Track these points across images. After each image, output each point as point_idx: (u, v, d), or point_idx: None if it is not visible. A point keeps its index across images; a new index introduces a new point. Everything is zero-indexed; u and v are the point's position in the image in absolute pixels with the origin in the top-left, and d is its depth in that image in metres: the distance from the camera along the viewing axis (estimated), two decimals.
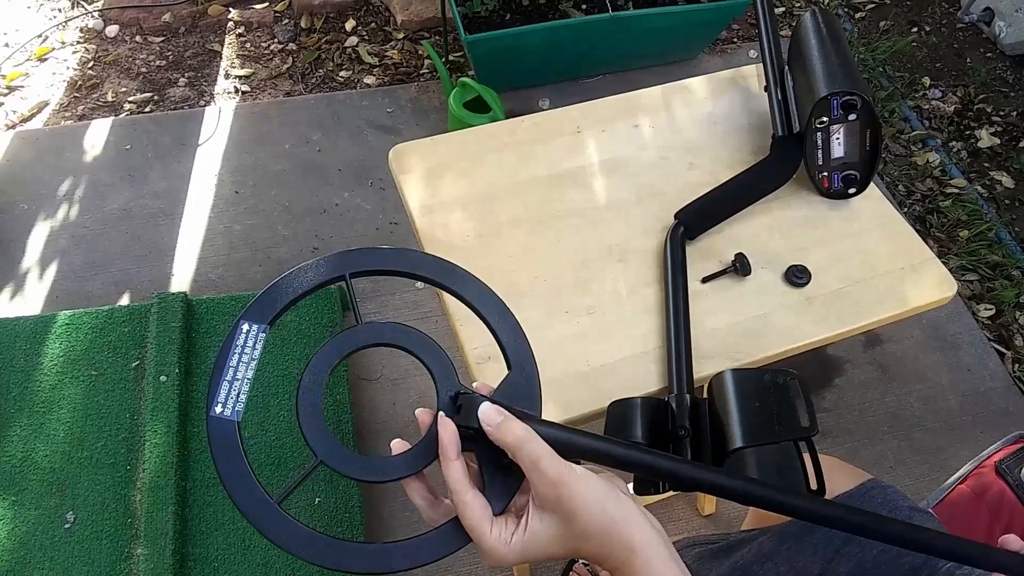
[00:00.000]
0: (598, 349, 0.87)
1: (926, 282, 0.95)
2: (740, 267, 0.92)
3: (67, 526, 1.38)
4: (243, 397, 0.53)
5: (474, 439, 0.53)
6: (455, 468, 0.50)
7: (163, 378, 1.49)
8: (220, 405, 0.52)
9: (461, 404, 0.53)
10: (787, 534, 0.84)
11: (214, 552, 1.36)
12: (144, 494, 1.38)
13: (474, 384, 0.56)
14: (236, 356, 0.53)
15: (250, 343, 0.54)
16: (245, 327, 0.54)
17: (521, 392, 0.56)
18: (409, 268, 0.59)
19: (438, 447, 0.52)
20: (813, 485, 0.72)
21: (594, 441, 0.53)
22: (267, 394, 1.52)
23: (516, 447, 0.49)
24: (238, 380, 0.53)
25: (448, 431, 0.51)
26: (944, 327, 1.85)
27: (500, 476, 0.52)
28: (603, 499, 0.49)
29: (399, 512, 1.49)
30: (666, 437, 0.74)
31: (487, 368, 0.83)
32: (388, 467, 0.53)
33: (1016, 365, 1.82)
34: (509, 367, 0.57)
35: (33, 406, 1.49)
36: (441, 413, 0.53)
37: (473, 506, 0.50)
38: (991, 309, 1.91)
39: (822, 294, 0.92)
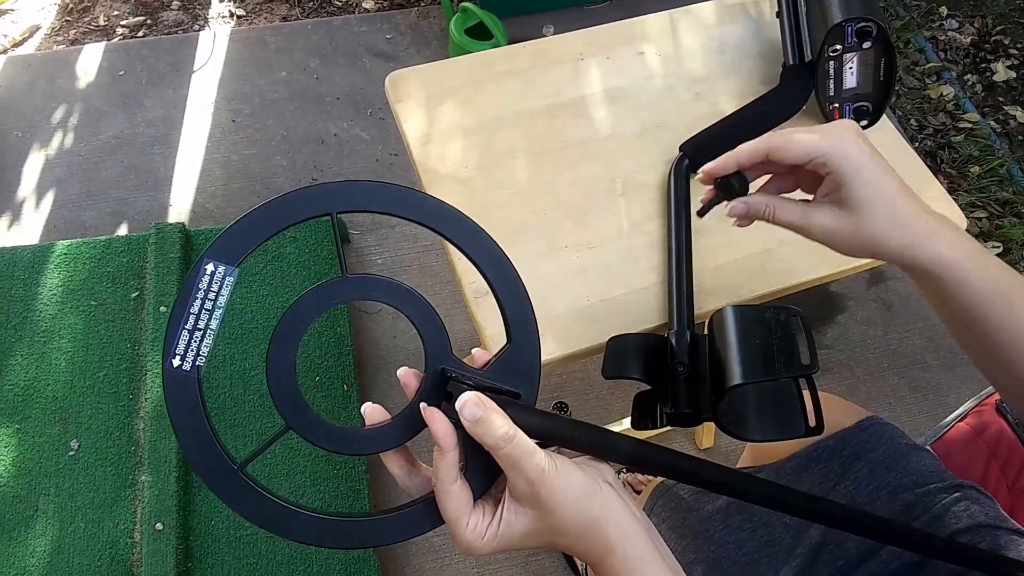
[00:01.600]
0: (598, 284, 0.85)
1: None
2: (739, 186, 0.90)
3: (71, 453, 1.39)
4: (205, 350, 0.46)
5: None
6: (449, 459, 0.47)
7: (163, 308, 1.48)
8: (178, 357, 0.46)
9: (452, 392, 0.49)
10: (784, 470, 0.85)
11: None
12: (147, 422, 1.39)
13: (474, 351, 0.53)
14: (198, 302, 0.46)
15: (215, 287, 0.46)
16: (209, 268, 0.46)
17: (518, 368, 0.52)
18: (407, 212, 0.51)
19: (432, 437, 0.48)
20: (812, 422, 0.72)
21: (582, 433, 0.50)
22: (268, 326, 1.52)
23: (494, 447, 0.46)
24: (199, 330, 0.46)
25: (441, 425, 0.47)
26: None
27: (483, 458, 0.49)
28: (582, 497, 0.47)
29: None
30: (664, 373, 0.73)
31: (485, 303, 0.82)
32: (365, 439, 0.49)
33: None
34: (509, 340, 0.52)
35: (34, 335, 1.49)
36: (429, 408, 0.48)
37: (457, 498, 0.47)
38: (999, 247, 1.89)
39: None
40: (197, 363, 0.46)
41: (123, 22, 2.12)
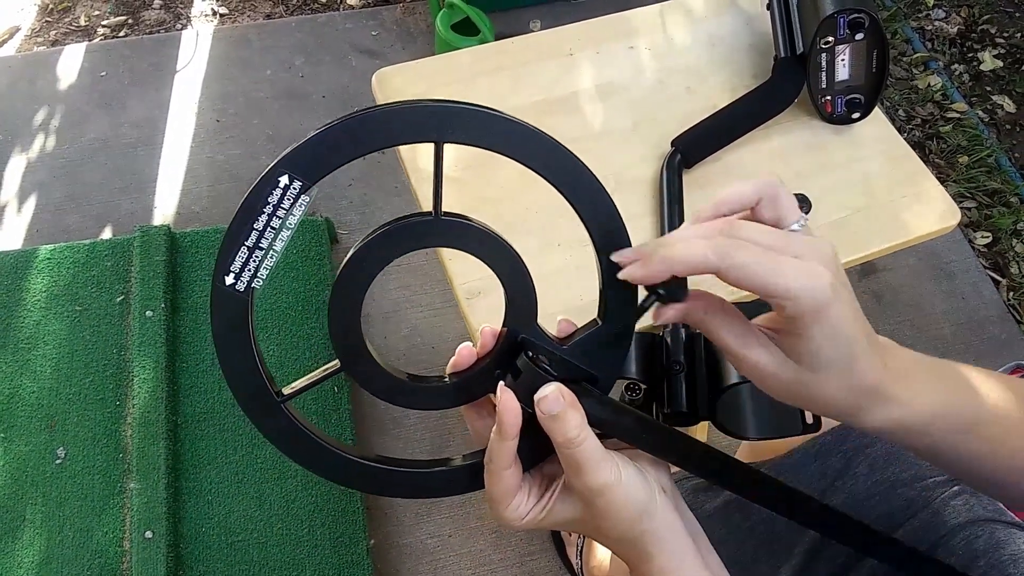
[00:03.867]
0: (592, 283, 0.84)
1: (929, 211, 0.92)
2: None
3: (58, 461, 1.37)
4: (264, 272, 0.41)
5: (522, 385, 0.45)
6: (508, 447, 0.44)
7: (149, 313, 1.46)
8: (232, 275, 0.40)
9: (522, 370, 0.45)
10: (783, 466, 0.84)
11: (207, 485, 1.36)
12: (135, 429, 1.37)
13: (558, 319, 0.49)
14: (264, 217, 0.40)
15: (286, 203, 0.40)
16: (283, 180, 0.39)
17: (603, 352, 0.47)
18: (527, 157, 0.44)
19: (497, 418, 0.44)
20: (809, 420, 0.71)
21: (655, 436, 0.46)
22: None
23: (562, 446, 0.43)
24: (261, 249, 0.40)
25: (511, 412, 0.43)
26: (940, 255, 1.83)
27: (539, 436, 0.44)
28: (637, 513, 0.45)
29: (390, 431, 1.50)
30: (660, 372, 0.72)
31: (478, 304, 0.80)
32: (421, 394, 0.46)
33: (1011, 293, 1.81)
34: (602, 318, 0.47)
35: (17, 342, 1.46)
36: (504, 391, 0.44)
37: (506, 481, 0.45)
38: (988, 237, 1.89)
39: (822, 224, 0.90)
40: (253, 285, 0.41)
41: (104, 22, 2.09)
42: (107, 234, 1.71)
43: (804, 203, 0.90)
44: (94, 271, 1.54)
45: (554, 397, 0.43)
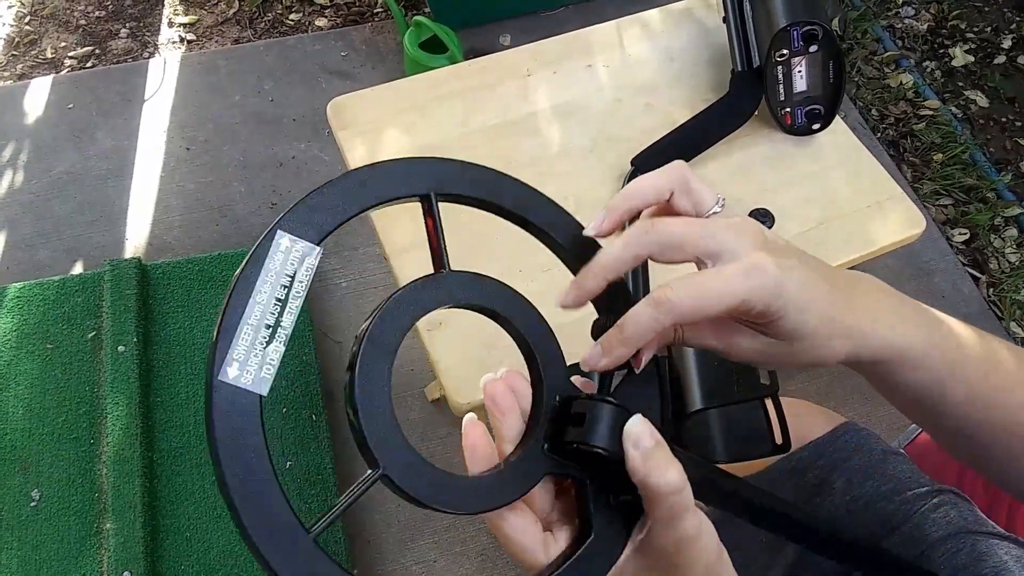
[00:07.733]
0: (555, 309, 0.83)
1: (894, 220, 0.91)
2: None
3: (33, 504, 1.35)
4: (275, 357, 0.33)
5: (582, 458, 0.38)
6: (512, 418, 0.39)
7: (121, 348, 1.44)
8: (236, 365, 0.31)
9: (584, 413, 0.38)
10: (758, 484, 0.82)
11: (185, 522, 1.34)
12: (109, 467, 1.35)
13: (576, 380, 0.44)
14: (268, 288, 0.33)
15: (289, 268, 0.33)
16: (284, 243, 0.33)
17: (639, 403, 0.42)
18: (524, 211, 0.43)
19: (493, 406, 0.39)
20: (779, 440, 0.70)
21: (745, 492, 0.42)
22: None
23: (659, 493, 0.36)
24: (267, 326, 0.32)
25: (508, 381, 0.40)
26: (918, 254, 1.83)
27: (613, 515, 0.38)
28: (711, 565, 0.41)
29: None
30: None
31: (438, 336, 0.79)
32: (482, 491, 0.36)
33: (991, 289, 1.81)
34: (630, 369, 0.43)
35: None
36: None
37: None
38: (965, 233, 1.89)
39: (788, 237, 0.89)
40: (263, 375, 0.32)
41: (71, 54, 2.07)
42: (79, 268, 1.69)
43: (767, 217, 0.89)
44: (65, 307, 1.52)
45: (646, 430, 0.37)
